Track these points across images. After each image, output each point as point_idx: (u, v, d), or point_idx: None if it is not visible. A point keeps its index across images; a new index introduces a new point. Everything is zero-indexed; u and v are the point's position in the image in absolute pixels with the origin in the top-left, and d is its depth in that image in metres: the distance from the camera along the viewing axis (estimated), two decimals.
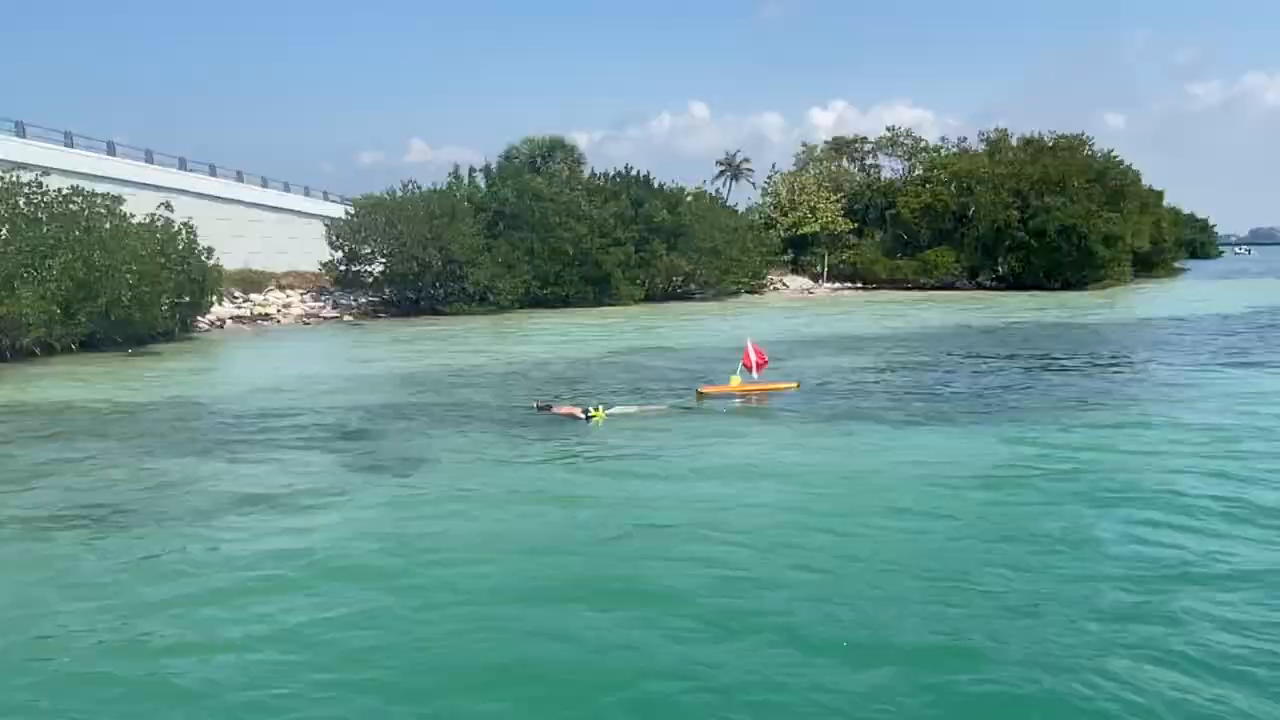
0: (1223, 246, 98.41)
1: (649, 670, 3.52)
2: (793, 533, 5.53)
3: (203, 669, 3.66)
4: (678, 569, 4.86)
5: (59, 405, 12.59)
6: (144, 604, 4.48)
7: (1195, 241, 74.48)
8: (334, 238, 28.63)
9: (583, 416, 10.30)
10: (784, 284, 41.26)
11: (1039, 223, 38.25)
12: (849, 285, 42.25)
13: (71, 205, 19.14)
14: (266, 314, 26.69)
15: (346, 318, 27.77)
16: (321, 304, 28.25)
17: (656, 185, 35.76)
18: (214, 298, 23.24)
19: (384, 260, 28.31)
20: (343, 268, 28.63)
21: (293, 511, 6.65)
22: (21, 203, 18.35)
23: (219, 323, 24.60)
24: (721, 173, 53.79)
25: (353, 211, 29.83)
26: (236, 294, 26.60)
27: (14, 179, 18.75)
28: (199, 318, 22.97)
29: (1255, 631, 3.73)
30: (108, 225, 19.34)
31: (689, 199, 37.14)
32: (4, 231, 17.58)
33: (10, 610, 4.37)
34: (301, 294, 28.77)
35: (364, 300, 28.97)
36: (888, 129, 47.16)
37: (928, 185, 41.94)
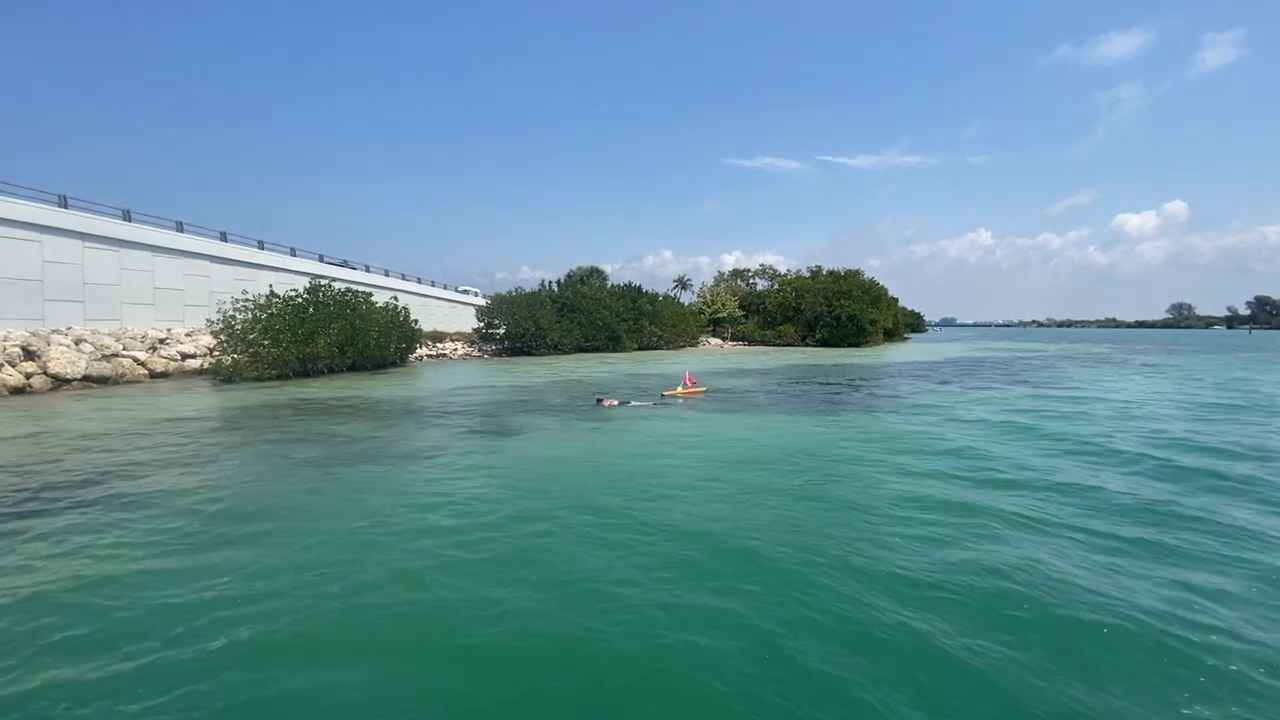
0: (929, 327, 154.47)
1: (639, 486, 7.01)
2: (699, 452, 9.10)
3: (422, 515, 6.05)
4: (651, 461, 8.37)
5: (334, 399, 15.93)
6: (391, 491, 6.92)
7: (915, 323, 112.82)
8: (479, 315, 42.22)
9: (617, 404, 14.13)
10: (708, 342, 57.20)
11: (836, 313, 55.83)
12: (741, 343, 58.59)
13: (345, 297, 25.82)
14: (444, 353, 37.33)
15: (485, 357, 37.94)
16: (472, 349, 40.18)
17: (645, 291, 50.51)
18: (418, 345, 31.92)
19: (505, 326, 40.34)
20: (484, 330, 41.43)
21: (459, 452, 9.14)
22: (320, 295, 25.07)
23: (420, 358, 33.59)
24: (676, 285, 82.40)
25: (489, 301, 42.77)
26: (430, 342, 37.55)
27: (319, 284, 26.04)
28: (411, 355, 30.82)
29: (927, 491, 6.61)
30: (364, 307, 26.16)
31: (660, 298, 51.46)
32: (311, 309, 23.93)
33: (305, 510, 6.30)
34: (463, 343, 41.04)
35: (494, 348, 40.73)
36: (761, 265, 72.29)
37: (780, 293, 61.17)
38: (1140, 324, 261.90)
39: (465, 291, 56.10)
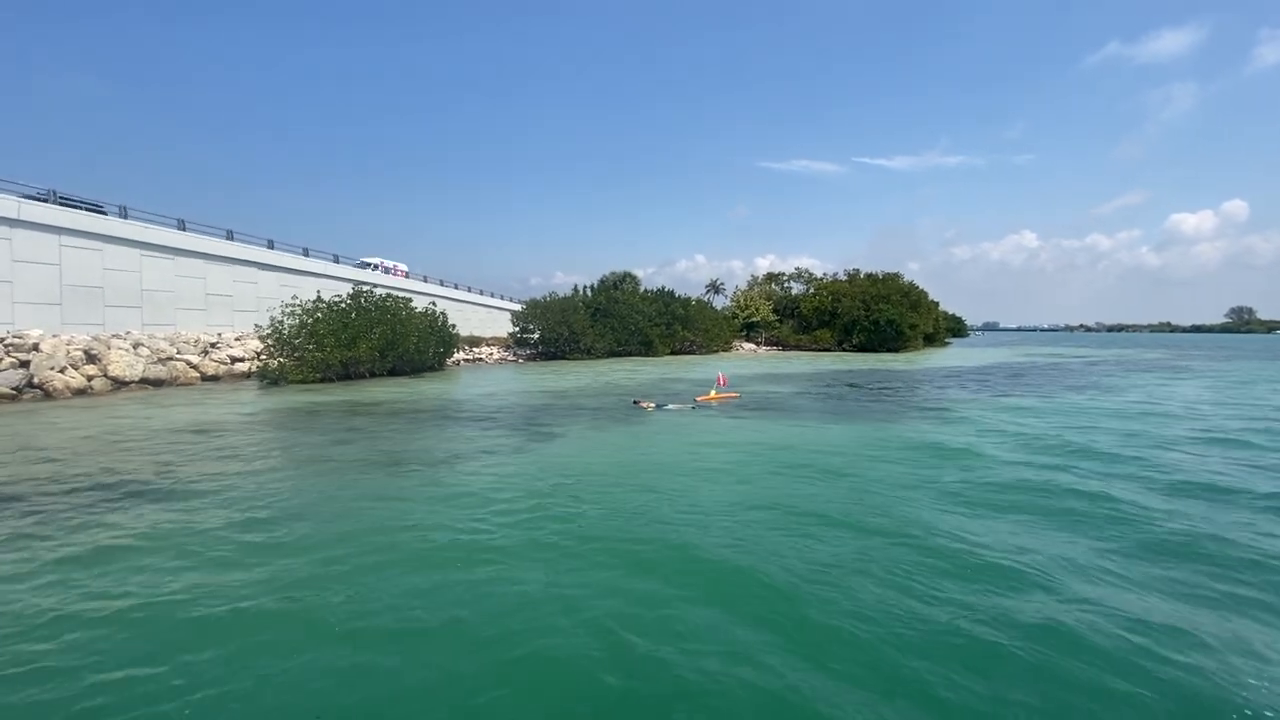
0: (971, 331, 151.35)
1: (666, 480, 7.41)
2: (732, 453, 9.40)
3: (468, 516, 6.16)
4: (685, 463, 8.63)
5: (378, 400, 16.59)
6: (446, 487, 7.11)
7: (956, 328, 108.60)
8: (514, 320, 42.50)
9: (652, 407, 14.82)
10: (742, 347, 57.33)
11: (874, 317, 55.46)
12: (775, 348, 58.91)
13: (386, 302, 26.44)
14: (480, 358, 37.82)
15: (520, 361, 38.34)
16: (507, 353, 40.47)
17: (677, 295, 50.73)
18: (455, 349, 32.38)
19: (539, 331, 40.59)
20: (519, 335, 41.78)
21: (496, 454, 9.33)
22: (362, 300, 25.62)
23: (458, 362, 34.15)
24: (709, 289, 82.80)
25: (524, 306, 42.77)
26: (466, 347, 38.06)
27: (361, 289, 26.56)
28: (448, 359, 31.36)
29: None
30: (403, 312, 26.64)
31: (693, 303, 51.66)
32: (353, 315, 24.44)
33: (348, 512, 6.32)
34: (498, 348, 41.60)
35: (529, 352, 41.01)
36: (796, 268, 72.47)
37: (816, 297, 61.10)
38: (1197, 328, 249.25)
39: (372, 266, 43.50)
